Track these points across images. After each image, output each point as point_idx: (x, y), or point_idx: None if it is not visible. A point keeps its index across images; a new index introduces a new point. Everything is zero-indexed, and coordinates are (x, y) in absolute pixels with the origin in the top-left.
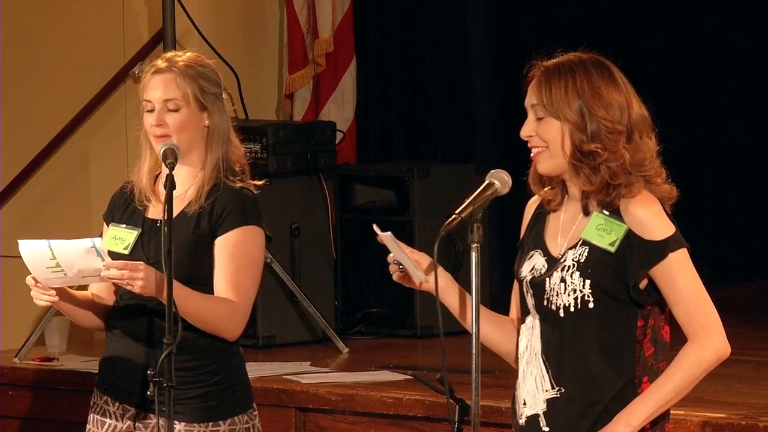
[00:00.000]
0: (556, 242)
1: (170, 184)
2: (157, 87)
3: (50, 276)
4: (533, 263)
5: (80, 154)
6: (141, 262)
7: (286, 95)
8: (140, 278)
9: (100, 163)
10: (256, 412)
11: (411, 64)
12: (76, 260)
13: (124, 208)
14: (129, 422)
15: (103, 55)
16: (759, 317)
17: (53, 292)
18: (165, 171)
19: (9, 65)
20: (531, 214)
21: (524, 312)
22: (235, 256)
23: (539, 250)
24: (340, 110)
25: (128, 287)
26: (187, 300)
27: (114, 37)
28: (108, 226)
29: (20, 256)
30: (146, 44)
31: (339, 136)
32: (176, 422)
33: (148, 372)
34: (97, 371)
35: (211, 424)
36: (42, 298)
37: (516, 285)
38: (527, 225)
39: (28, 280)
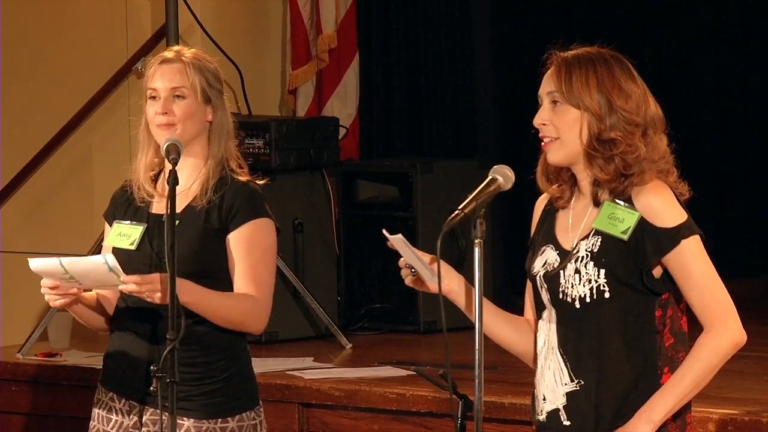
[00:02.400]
0: (567, 236)
1: (173, 180)
2: (164, 75)
3: (65, 285)
4: (545, 258)
5: (83, 149)
6: (156, 274)
7: (289, 91)
8: (158, 289)
9: (103, 159)
10: (262, 409)
11: (414, 60)
12: (89, 273)
13: (126, 206)
14: (135, 418)
15: (106, 50)
16: (763, 313)
17: (75, 290)
18: (167, 167)
19: (12, 61)
20: (540, 211)
21: (539, 307)
22: (251, 250)
23: (551, 245)
24: (343, 106)
25: (149, 299)
26: (206, 301)
27: (117, 33)
28: (110, 224)
29: (22, 252)
30: (149, 40)
31: (342, 131)
32: (185, 419)
33: (151, 367)
34: (100, 367)
35: (220, 420)
36: (58, 299)
37: (529, 284)
38: (537, 223)
39: (44, 282)
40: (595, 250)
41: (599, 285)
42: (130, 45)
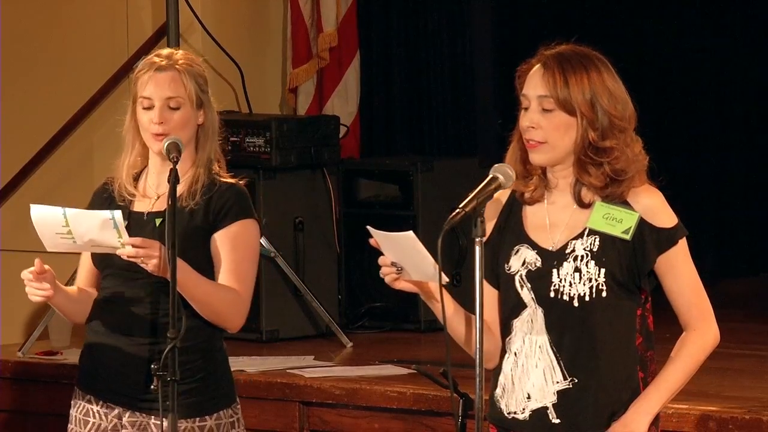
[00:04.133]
0: (545, 235)
1: (174, 179)
2: (159, 84)
3: (58, 241)
4: (522, 257)
5: (84, 148)
6: (157, 242)
7: (289, 89)
8: (156, 256)
9: (103, 158)
10: (239, 406)
11: (414, 58)
12: (89, 231)
13: (107, 203)
14: (115, 420)
15: (106, 49)
16: (762, 312)
17: (48, 286)
18: (154, 167)
19: (13, 59)
20: (499, 210)
21: (516, 306)
22: (236, 248)
23: (525, 245)
24: (344, 104)
25: (142, 265)
26: (197, 284)
27: (118, 32)
28: None
29: (22, 251)
30: (150, 38)
31: (343, 130)
32: (164, 419)
33: (152, 366)
34: None
35: (197, 419)
36: (37, 294)
37: (488, 286)
38: (496, 223)
39: (24, 274)
40: (595, 250)
41: (599, 284)
42: (131, 44)
